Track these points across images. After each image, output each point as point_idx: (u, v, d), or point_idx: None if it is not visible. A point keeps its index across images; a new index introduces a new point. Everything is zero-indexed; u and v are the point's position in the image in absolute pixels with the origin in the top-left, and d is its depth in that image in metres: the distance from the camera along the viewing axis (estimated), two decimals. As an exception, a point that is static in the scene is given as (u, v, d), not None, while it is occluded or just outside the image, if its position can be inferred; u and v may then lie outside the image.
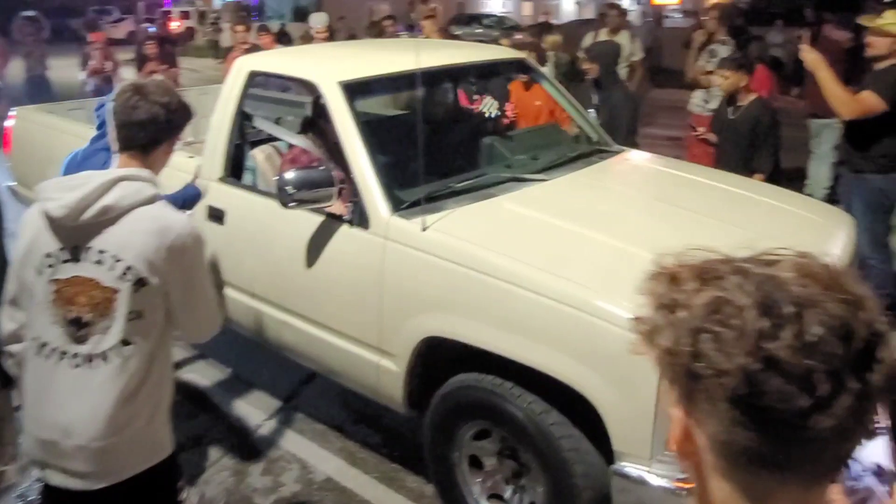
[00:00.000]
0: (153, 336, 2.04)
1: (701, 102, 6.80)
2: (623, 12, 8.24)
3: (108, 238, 1.97)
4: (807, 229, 3.25)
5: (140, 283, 1.97)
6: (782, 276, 0.72)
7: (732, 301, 0.71)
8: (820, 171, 7.00)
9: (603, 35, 7.81)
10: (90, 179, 1.99)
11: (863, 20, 4.80)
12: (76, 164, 3.11)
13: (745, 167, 4.62)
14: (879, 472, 0.82)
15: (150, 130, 2.15)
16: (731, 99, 5.01)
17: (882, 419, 0.83)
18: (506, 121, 4.70)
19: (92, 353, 1.97)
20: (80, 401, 1.97)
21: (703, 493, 0.79)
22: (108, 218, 1.97)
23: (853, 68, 6.17)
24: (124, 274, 1.96)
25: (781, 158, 5.08)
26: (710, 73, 6.70)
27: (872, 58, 4.64)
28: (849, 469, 0.80)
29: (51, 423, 1.99)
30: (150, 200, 2.03)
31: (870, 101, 4.42)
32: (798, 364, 0.67)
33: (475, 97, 4.72)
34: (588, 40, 8.08)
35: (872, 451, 0.81)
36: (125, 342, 1.98)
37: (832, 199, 6.14)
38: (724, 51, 6.70)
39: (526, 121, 5.07)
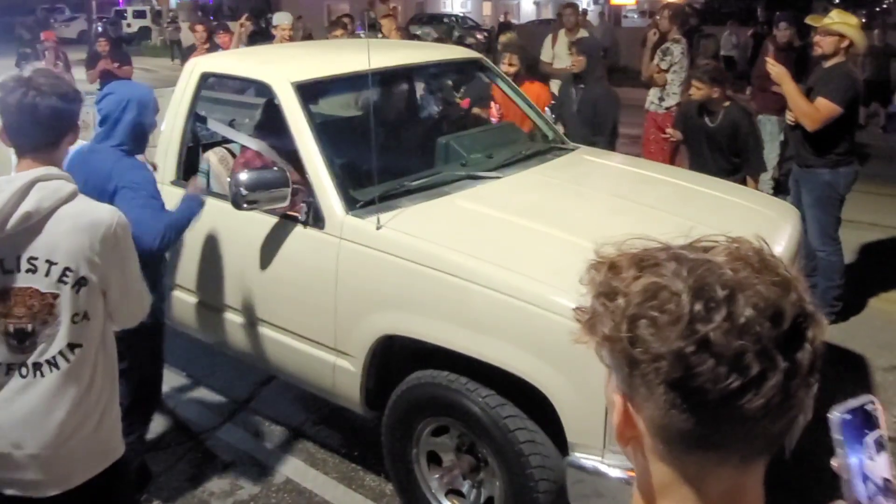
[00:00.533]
0: (97, 336, 2.01)
1: (656, 101, 6.91)
2: (580, 12, 8.35)
3: (37, 244, 1.91)
4: (756, 221, 3.32)
5: (80, 282, 1.93)
6: (715, 261, 0.74)
7: (668, 287, 0.72)
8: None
9: (561, 35, 7.89)
10: (1, 190, 1.90)
11: (810, 20, 4.92)
12: (81, 160, 2.99)
13: (733, 174, 4.66)
14: (887, 488, 0.84)
15: (56, 127, 2.04)
16: (703, 107, 4.91)
17: (886, 429, 0.85)
18: (494, 121, 4.70)
19: (38, 361, 1.93)
20: (29, 410, 1.93)
21: (643, 477, 0.81)
22: (32, 224, 1.90)
23: (797, 65, 6.30)
24: (63, 276, 1.91)
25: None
26: (664, 71, 6.82)
27: (820, 56, 4.75)
28: (861, 490, 0.82)
29: (1, 436, 1.95)
30: (71, 197, 1.97)
31: (828, 109, 4.54)
32: (729, 345, 0.68)
33: (458, 96, 4.73)
34: (547, 42, 8.14)
35: (880, 467, 0.83)
36: (71, 346, 1.94)
37: (776, 193, 6.30)
38: (677, 49, 6.81)
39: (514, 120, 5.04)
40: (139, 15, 31.61)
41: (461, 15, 30.47)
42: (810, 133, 4.65)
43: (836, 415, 0.86)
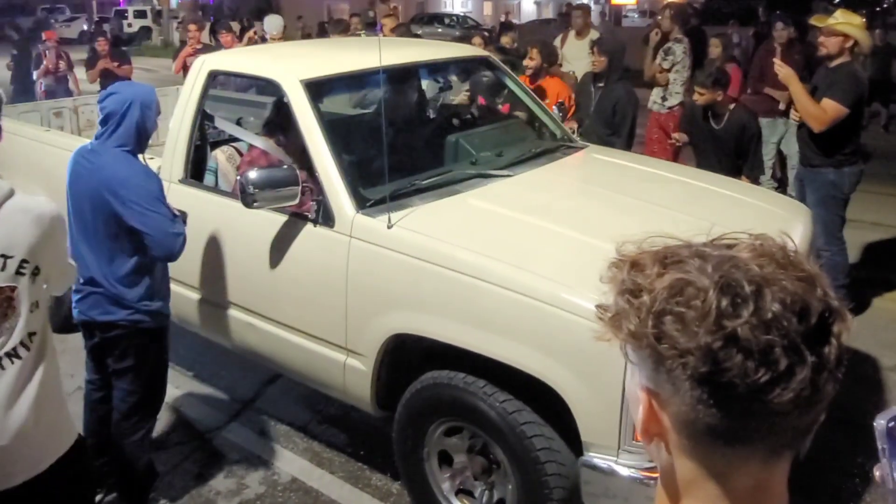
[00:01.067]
0: (45, 320, 2.07)
1: (659, 100, 6.90)
2: (589, 13, 8.32)
3: None
4: (767, 220, 3.31)
5: (35, 272, 1.99)
6: (741, 258, 0.74)
7: (694, 283, 0.72)
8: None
9: (571, 37, 7.83)
10: None
11: (814, 20, 4.91)
12: (85, 160, 2.98)
13: (737, 175, 4.67)
14: None
15: None
16: (708, 110, 4.95)
17: None
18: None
19: (1, 354, 1.95)
20: None
21: (668, 474, 0.80)
22: None
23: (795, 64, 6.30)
24: (20, 269, 1.96)
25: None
26: (667, 71, 6.81)
27: (825, 56, 4.75)
28: None
29: None
30: (11, 193, 2.01)
31: (834, 111, 4.55)
32: (757, 340, 0.69)
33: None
34: (556, 44, 8.10)
35: None
36: (31, 334, 1.99)
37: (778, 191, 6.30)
38: (679, 49, 6.80)
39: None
40: (140, 15, 31.58)
41: (462, 14, 30.49)
42: (815, 133, 4.65)
43: (881, 423, 0.85)
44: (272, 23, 8.08)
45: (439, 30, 24.75)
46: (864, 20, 4.96)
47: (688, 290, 0.72)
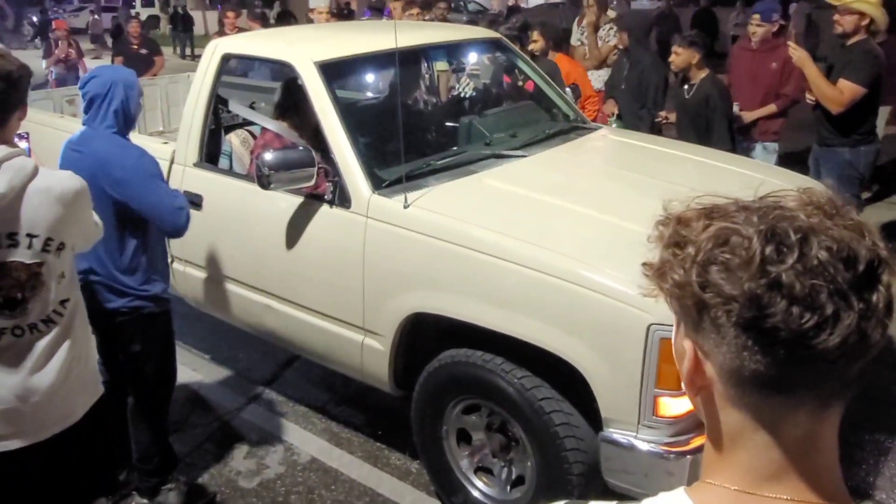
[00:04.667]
0: (76, 286, 2.20)
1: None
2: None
3: (14, 221, 2.03)
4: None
5: (60, 247, 2.09)
6: (787, 207, 0.75)
7: (739, 230, 0.73)
8: None
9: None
10: None
11: None
12: (83, 146, 2.92)
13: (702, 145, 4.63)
14: None
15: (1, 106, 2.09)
16: (684, 78, 4.99)
17: None
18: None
19: (34, 322, 2.09)
20: (31, 364, 2.09)
21: (713, 426, 0.80)
22: (6, 203, 2.01)
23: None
24: (45, 246, 2.05)
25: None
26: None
27: (841, 35, 4.70)
28: None
29: (4, 395, 2.08)
30: (36, 172, 2.07)
31: (852, 91, 4.50)
32: (802, 286, 0.69)
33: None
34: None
35: None
36: (63, 302, 2.12)
37: None
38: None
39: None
40: (148, 4, 31.49)
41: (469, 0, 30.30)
42: (833, 113, 4.60)
43: None
44: None
45: (447, 14, 24.63)
46: None
47: (733, 238, 0.73)
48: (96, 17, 26.64)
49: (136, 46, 9.04)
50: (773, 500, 0.75)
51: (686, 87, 4.94)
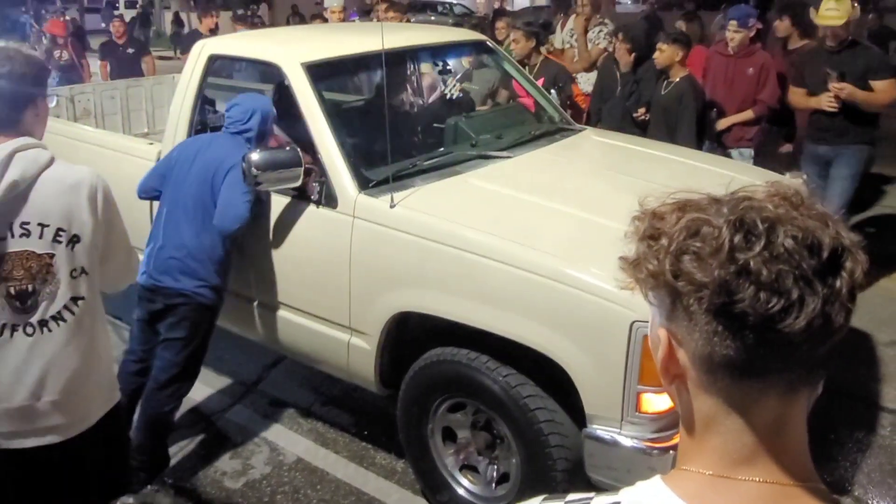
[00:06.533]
0: (95, 287, 2.15)
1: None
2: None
3: (26, 210, 2.02)
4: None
5: (73, 240, 2.06)
6: (756, 198, 0.78)
7: (710, 221, 0.76)
8: None
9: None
10: None
11: (819, 20, 4.80)
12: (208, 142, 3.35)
13: (670, 142, 4.58)
14: None
15: (16, 102, 2.08)
16: (664, 75, 5.02)
17: None
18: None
19: (44, 318, 2.05)
20: (43, 362, 2.06)
21: (687, 413, 0.83)
22: (19, 192, 2.01)
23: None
24: (56, 237, 2.03)
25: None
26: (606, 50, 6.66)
27: (836, 45, 4.74)
28: None
29: (18, 391, 2.06)
30: (50, 163, 2.07)
31: (893, 87, 4.62)
32: (769, 271, 0.72)
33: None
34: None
35: None
36: (74, 299, 2.08)
37: None
38: (607, 28, 6.59)
39: None
40: (131, 5, 31.30)
41: (454, 2, 30.37)
42: (851, 110, 4.65)
43: None
44: None
45: (432, 18, 24.67)
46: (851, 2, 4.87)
47: (703, 229, 0.76)
48: (72, 18, 26.37)
49: (121, 46, 8.97)
50: (746, 483, 0.77)
51: (665, 82, 4.98)
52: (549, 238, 2.78)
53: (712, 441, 0.80)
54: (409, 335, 3.11)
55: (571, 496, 0.89)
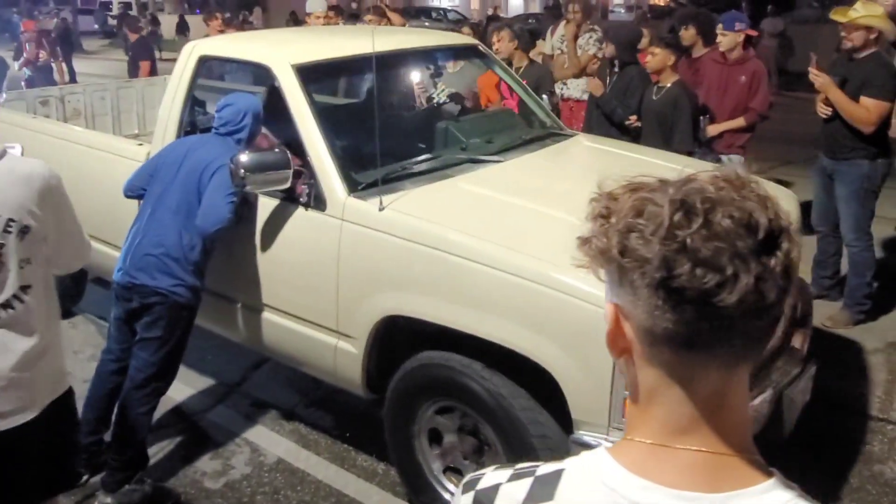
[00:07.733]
0: (42, 278, 2.17)
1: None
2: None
3: None
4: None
5: (23, 231, 2.07)
6: (700, 180, 0.82)
7: (654, 200, 0.79)
8: None
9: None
10: None
11: (835, 15, 4.74)
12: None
13: (665, 148, 4.58)
14: None
15: None
16: (653, 82, 5.00)
17: None
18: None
19: None
20: None
21: (634, 385, 0.87)
22: None
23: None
24: (7, 227, 2.04)
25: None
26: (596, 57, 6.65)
27: (850, 49, 4.64)
28: None
29: None
30: (2, 154, 2.08)
31: (879, 108, 4.50)
32: (706, 248, 0.75)
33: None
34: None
35: None
36: (24, 287, 2.10)
37: None
38: (595, 35, 6.59)
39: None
40: (125, 6, 31.21)
41: (448, 8, 30.48)
42: (849, 124, 4.58)
43: None
44: (315, 3, 7.56)
45: (426, 23, 24.76)
46: (885, 9, 4.75)
47: (648, 207, 0.79)
48: (61, 18, 26.31)
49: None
50: (684, 452, 0.81)
51: (656, 88, 4.95)
52: (538, 242, 2.77)
53: (655, 412, 0.84)
54: (397, 339, 3.08)
55: (520, 465, 0.95)
